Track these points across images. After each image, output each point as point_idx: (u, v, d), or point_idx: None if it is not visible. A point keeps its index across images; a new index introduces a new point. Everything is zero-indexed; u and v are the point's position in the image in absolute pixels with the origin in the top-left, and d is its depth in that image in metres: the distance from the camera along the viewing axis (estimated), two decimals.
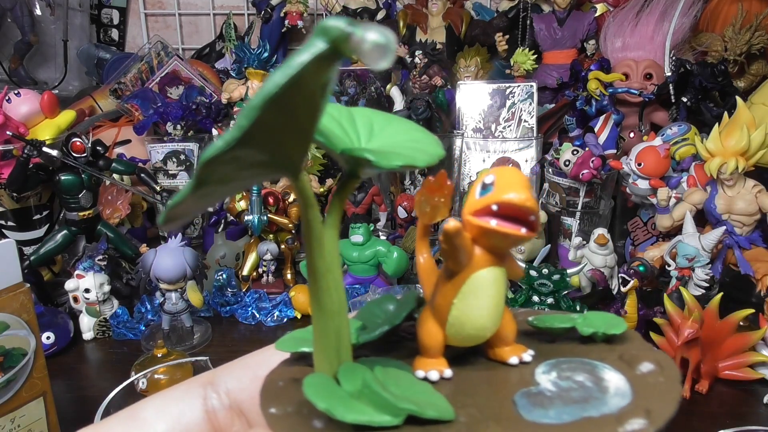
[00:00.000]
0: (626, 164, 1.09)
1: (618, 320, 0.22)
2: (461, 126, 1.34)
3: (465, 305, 0.20)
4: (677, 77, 1.24)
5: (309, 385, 0.17)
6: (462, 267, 0.20)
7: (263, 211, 1.08)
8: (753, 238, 0.97)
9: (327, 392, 0.17)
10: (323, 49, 0.13)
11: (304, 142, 0.16)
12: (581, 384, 0.19)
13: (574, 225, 1.14)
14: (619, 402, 0.18)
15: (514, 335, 0.21)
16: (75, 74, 1.67)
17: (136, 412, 0.21)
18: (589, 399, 0.18)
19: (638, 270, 0.91)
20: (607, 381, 0.19)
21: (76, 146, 1.01)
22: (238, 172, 0.15)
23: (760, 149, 0.94)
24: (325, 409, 0.17)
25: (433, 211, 0.21)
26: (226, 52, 1.62)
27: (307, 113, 0.15)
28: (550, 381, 0.19)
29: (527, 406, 0.18)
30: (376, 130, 0.20)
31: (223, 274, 1.06)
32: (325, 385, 0.18)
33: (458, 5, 1.56)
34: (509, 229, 0.19)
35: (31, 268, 1.02)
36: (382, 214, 1.24)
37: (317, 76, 0.14)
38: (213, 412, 0.21)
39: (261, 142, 0.14)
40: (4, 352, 0.58)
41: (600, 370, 0.19)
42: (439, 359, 0.21)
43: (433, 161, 0.20)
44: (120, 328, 0.96)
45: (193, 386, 0.21)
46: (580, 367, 0.20)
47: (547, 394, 0.19)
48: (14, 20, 1.56)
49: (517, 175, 0.19)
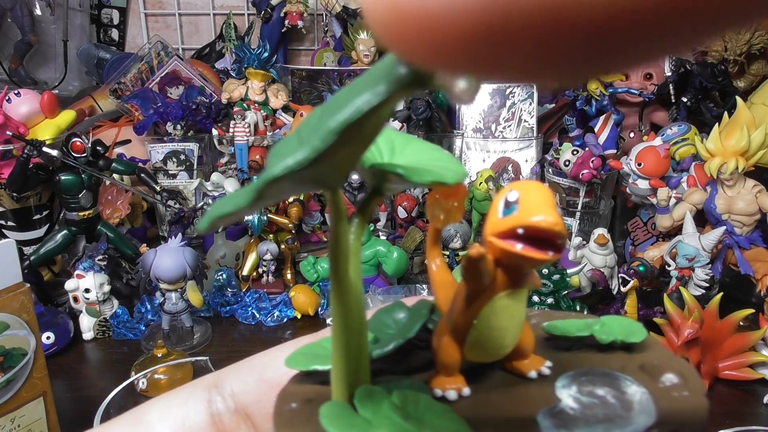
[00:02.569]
0: (626, 164, 1.09)
1: (637, 327, 0.21)
2: (461, 126, 1.34)
3: (486, 327, 0.19)
4: (677, 77, 1.24)
5: (326, 415, 0.17)
6: (484, 289, 0.19)
7: (263, 211, 1.08)
8: (753, 238, 0.97)
9: (345, 422, 0.17)
10: (407, 77, 0.13)
11: (354, 162, 0.16)
12: (603, 400, 0.18)
13: (574, 225, 1.14)
14: (645, 420, 0.17)
15: (532, 348, 0.21)
16: (75, 74, 1.67)
17: (139, 414, 0.21)
18: (614, 418, 0.17)
19: (638, 270, 0.91)
20: (630, 396, 0.18)
21: (76, 146, 1.01)
22: (293, 188, 0.15)
23: (760, 149, 0.94)
24: None
25: (447, 216, 0.20)
26: (226, 52, 1.62)
27: (369, 138, 0.15)
28: (571, 397, 0.19)
29: (551, 428, 0.17)
30: (398, 148, 0.20)
31: (223, 274, 1.06)
32: (343, 414, 0.17)
33: None
34: (536, 255, 0.18)
35: (31, 268, 1.02)
36: (382, 214, 1.24)
37: (392, 104, 0.14)
38: (218, 415, 0.21)
39: (326, 163, 0.14)
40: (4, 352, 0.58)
41: (622, 383, 0.19)
42: (456, 377, 0.20)
43: (460, 179, 0.19)
44: (120, 328, 0.96)
45: (197, 389, 0.21)
46: (600, 380, 0.19)
47: (569, 413, 0.18)
48: (14, 20, 1.56)
49: (543, 192, 0.18)
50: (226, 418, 0.21)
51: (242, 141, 1.30)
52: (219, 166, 1.36)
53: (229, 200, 0.15)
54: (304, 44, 1.70)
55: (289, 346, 0.22)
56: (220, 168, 1.35)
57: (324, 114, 0.14)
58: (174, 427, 0.20)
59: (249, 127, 1.30)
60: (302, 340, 0.23)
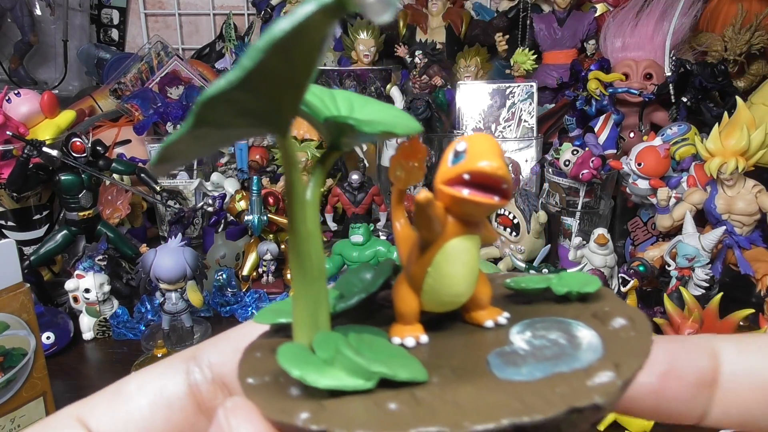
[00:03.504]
0: (626, 164, 1.09)
1: (592, 278, 0.22)
2: (461, 126, 1.34)
3: (439, 274, 0.20)
4: (677, 77, 1.24)
5: (283, 353, 0.18)
6: (435, 236, 0.20)
7: (263, 211, 1.08)
8: (753, 238, 0.97)
9: (301, 360, 0.17)
10: (329, 1, 0.14)
11: (296, 98, 0.17)
12: (555, 341, 0.19)
13: (574, 225, 1.14)
14: (590, 357, 0.18)
15: (489, 299, 0.21)
16: (75, 74, 1.67)
17: (119, 387, 0.21)
18: (561, 356, 0.18)
19: (638, 270, 0.91)
20: (580, 338, 0.19)
21: (76, 146, 1.01)
22: (233, 118, 0.15)
23: (760, 149, 0.94)
24: (299, 377, 0.17)
25: (407, 176, 0.21)
26: (226, 52, 1.62)
27: (304, 66, 0.15)
28: (524, 340, 0.20)
29: (500, 365, 0.18)
30: (357, 107, 0.21)
31: (223, 274, 1.06)
32: (299, 353, 0.18)
33: (458, 5, 1.56)
34: (482, 198, 0.19)
35: (31, 268, 1.02)
36: (382, 214, 1.24)
37: (319, 28, 0.14)
38: (196, 385, 0.21)
39: (260, 87, 0.15)
40: (4, 352, 0.58)
41: (574, 328, 0.20)
42: (415, 325, 0.21)
43: (411, 132, 0.20)
44: (120, 328, 0.96)
45: (175, 361, 0.22)
46: (554, 325, 0.20)
47: (520, 353, 0.19)
48: (14, 20, 1.56)
49: (490, 142, 0.19)
50: (204, 388, 0.21)
51: (242, 141, 1.30)
52: (219, 166, 1.36)
53: (173, 133, 0.15)
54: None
55: None
56: (220, 168, 1.35)
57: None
58: (152, 397, 0.21)
59: None
60: None
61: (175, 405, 0.21)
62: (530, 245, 1.11)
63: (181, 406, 0.21)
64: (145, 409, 0.20)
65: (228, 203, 1.13)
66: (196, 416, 0.21)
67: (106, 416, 0.20)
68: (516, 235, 1.12)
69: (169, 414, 0.21)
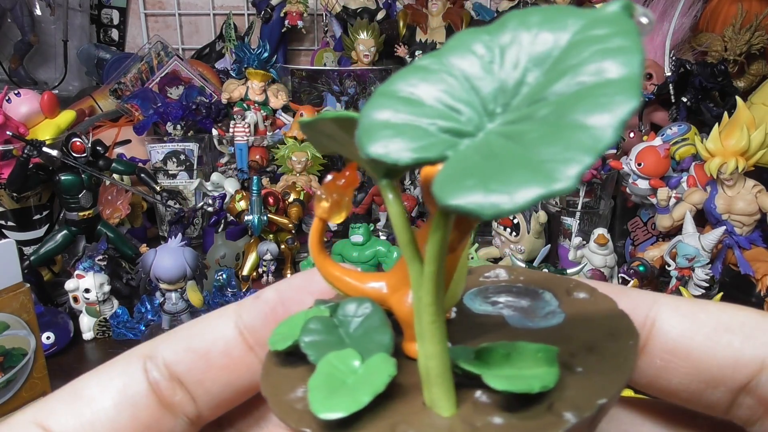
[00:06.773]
0: (626, 164, 1.09)
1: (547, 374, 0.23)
2: None
3: (460, 274, 0.21)
4: (677, 77, 1.24)
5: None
6: (470, 229, 0.19)
7: (263, 211, 1.08)
8: (753, 238, 0.97)
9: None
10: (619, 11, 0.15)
11: None
12: (522, 301, 0.21)
13: (574, 225, 1.14)
14: (550, 309, 0.20)
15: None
16: (75, 74, 1.67)
17: (77, 389, 0.21)
18: (527, 310, 0.20)
19: (638, 270, 0.91)
20: (545, 300, 0.21)
21: (76, 146, 1.01)
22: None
23: (760, 149, 0.94)
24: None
25: (335, 208, 0.19)
26: (226, 52, 1.62)
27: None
28: (499, 301, 0.22)
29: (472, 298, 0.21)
30: None
31: (223, 274, 1.06)
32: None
33: (458, 5, 1.56)
34: None
35: (31, 268, 1.02)
36: (382, 214, 1.24)
37: None
38: (156, 383, 0.21)
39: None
40: (4, 352, 0.58)
41: (541, 293, 0.21)
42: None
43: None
44: (120, 328, 0.96)
45: (132, 358, 0.22)
46: (525, 291, 0.22)
47: (492, 295, 0.21)
48: (14, 20, 1.56)
49: None
50: (163, 385, 0.21)
51: (242, 141, 1.30)
52: (219, 166, 1.36)
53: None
54: (304, 44, 1.70)
55: (213, 315, 0.22)
56: (220, 168, 1.35)
57: None
58: (116, 396, 0.21)
59: (249, 127, 1.30)
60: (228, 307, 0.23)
61: (139, 403, 0.21)
62: (530, 245, 1.11)
63: (145, 403, 0.21)
64: (110, 409, 0.20)
65: (228, 203, 1.13)
66: (160, 412, 0.21)
67: (71, 419, 0.20)
68: (516, 235, 1.12)
69: (134, 412, 0.21)
